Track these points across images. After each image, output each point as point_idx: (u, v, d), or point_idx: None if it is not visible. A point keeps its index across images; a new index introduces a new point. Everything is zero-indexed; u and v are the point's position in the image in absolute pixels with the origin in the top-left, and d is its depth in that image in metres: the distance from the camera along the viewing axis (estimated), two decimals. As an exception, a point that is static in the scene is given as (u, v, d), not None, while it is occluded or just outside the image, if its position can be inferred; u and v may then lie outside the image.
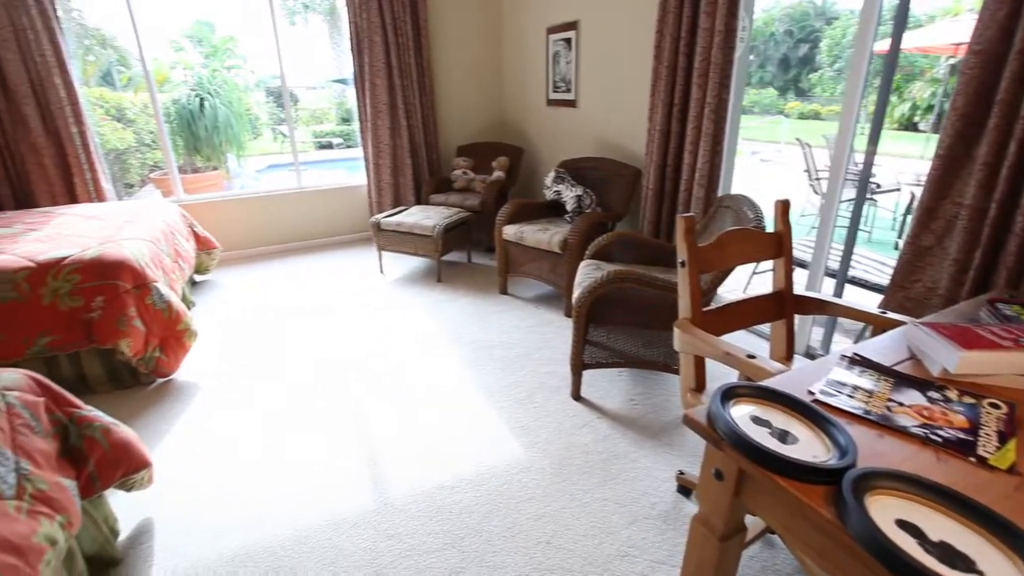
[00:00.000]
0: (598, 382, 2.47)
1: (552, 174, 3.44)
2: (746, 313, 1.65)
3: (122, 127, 6.36)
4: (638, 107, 3.18)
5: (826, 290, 2.55)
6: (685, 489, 1.81)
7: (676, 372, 2.24)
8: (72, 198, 3.77)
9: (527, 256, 3.25)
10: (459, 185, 4.32)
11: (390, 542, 1.66)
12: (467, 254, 4.15)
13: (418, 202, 4.59)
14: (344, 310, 3.34)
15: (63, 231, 2.84)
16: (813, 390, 1.02)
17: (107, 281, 2.41)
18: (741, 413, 0.96)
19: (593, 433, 2.13)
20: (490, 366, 2.63)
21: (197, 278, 3.89)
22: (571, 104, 3.91)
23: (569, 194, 3.26)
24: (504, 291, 3.50)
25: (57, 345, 2.37)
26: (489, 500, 1.81)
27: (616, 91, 3.44)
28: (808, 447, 0.86)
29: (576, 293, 2.29)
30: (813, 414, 0.91)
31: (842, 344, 2.75)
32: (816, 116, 15.13)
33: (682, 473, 1.83)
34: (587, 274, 2.44)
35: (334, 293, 3.62)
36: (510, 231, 3.26)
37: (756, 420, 0.94)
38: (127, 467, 1.61)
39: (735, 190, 2.74)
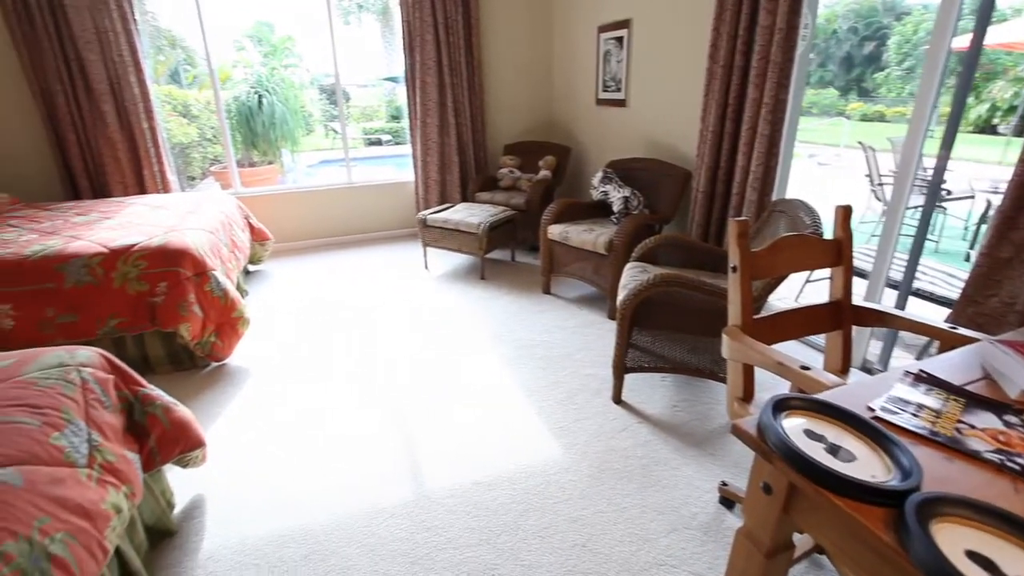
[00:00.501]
0: (640, 386, 2.43)
1: (599, 174, 3.40)
2: (799, 322, 1.58)
3: (187, 123, 6.69)
4: (690, 107, 3.10)
5: (887, 302, 2.42)
6: (728, 501, 1.76)
7: (722, 380, 2.18)
8: (141, 189, 4.00)
9: (571, 256, 3.23)
10: (505, 183, 4.33)
11: (427, 534, 1.69)
12: (511, 252, 4.17)
13: (464, 199, 4.63)
14: (389, 304, 3.41)
15: (133, 220, 3.02)
16: (873, 406, 0.97)
17: (170, 268, 2.55)
18: (794, 426, 0.92)
19: (633, 438, 2.09)
20: (531, 365, 2.63)
21: (251, 268, 4.06)
22: (621, 104, 3.85)
23: (616, 195, 3.21)
24: (547, 291, 3.49)
25: (125, 327, 2.52)
26: (526, 499, 1.81)
27: (667, 91, 3.37)
28: (866, 466, 0.82)
29: (621, 295, 2.25)
30: (873, 432, 0.87)
31: (903, 360, 2.60)
32: (880, 118, 14.36)
33: (725, 484, 1.77)
34: (633, 276, 2.40)
35: (379, 287, 3.70)
36: (555, 231, 3.25)
37: (810, 434, 0.90)
38: (184, 445, 1.69)
39: (790, 194, 2.64)
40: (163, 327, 2.51)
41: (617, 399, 2.32)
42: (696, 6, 2.98)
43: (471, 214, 3.71)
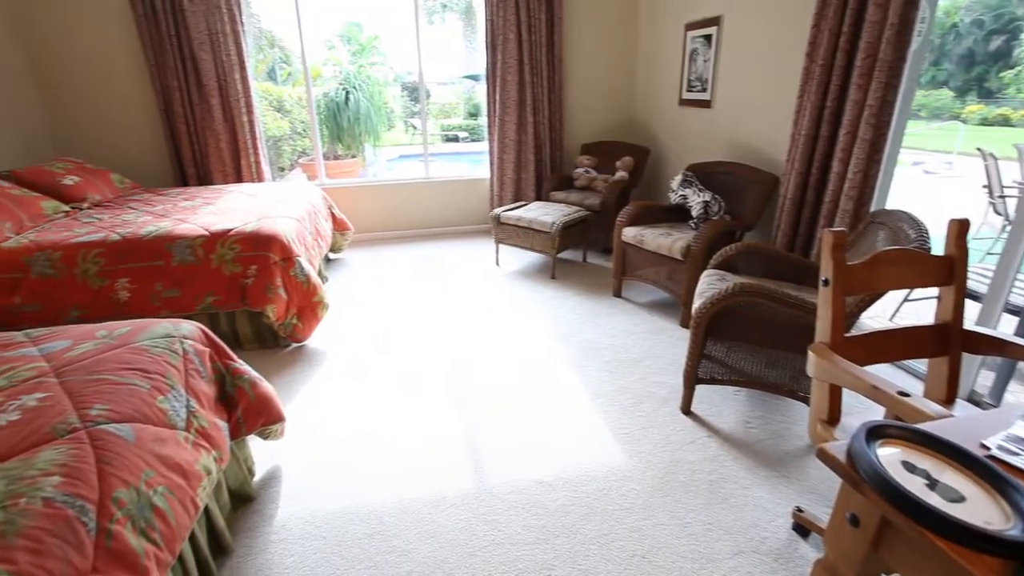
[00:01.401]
0: (711, 398, 2.33)
1: (679, 177, 3.29)
2: (898, 345, 1.45)
3: (280, 117, 7.14)
4: (781, 109, 2.93)
5: (1004, 328, 2.17)
6: (802, 528, 1.65)
7: (802, 399, 2.05)
8: (238, 178, 4.32)
9: (645, 260, 3.15)
10: (580, 183, 4.29)
11: (486, 527, 1.71)
12: (583, 253, 4.12)
13: (538, 198, 4.64)
14: (459, 298, 3.47)
15: (231, 206, 3.26)
16: (988, 444, 0.87)
17: (261, 252, 2.73)
18: (890, 456, 0.85)
19: (702, 451, 2.01)
20: (597, 368, 2.59)
21: (331, 256, 4.27)
22: (705, 105, 3.71)
23: (696, 199, 3.10)
24: (618, 294, 3.43)
25: (219, 304, 2.74)
26: (586, 503, 1.79)
27: (757, 92, 3.20)
28: (979, 509, 0.74)
29: (696, 303, 2.17)
30: (989, 473, 0.78)
31: (1021, 395, 2.34)
32: (1004, 122, 12.84)
33: (800, 511, 1.67)
34: (710, 284, 2.30)
35: (451, 281, 3.78)
36: (630, 233, 3.18)
37: (908, 466, 0.83)
38: (267, 418, 1.81)
39: (891, 205, 2.43)
40: (252, 307, 2.70)
41: (686, 410, 2.24)
42: (794, 2, 2.80)
43: (545, 213, 3.71)
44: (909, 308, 3.11)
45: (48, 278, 2.59)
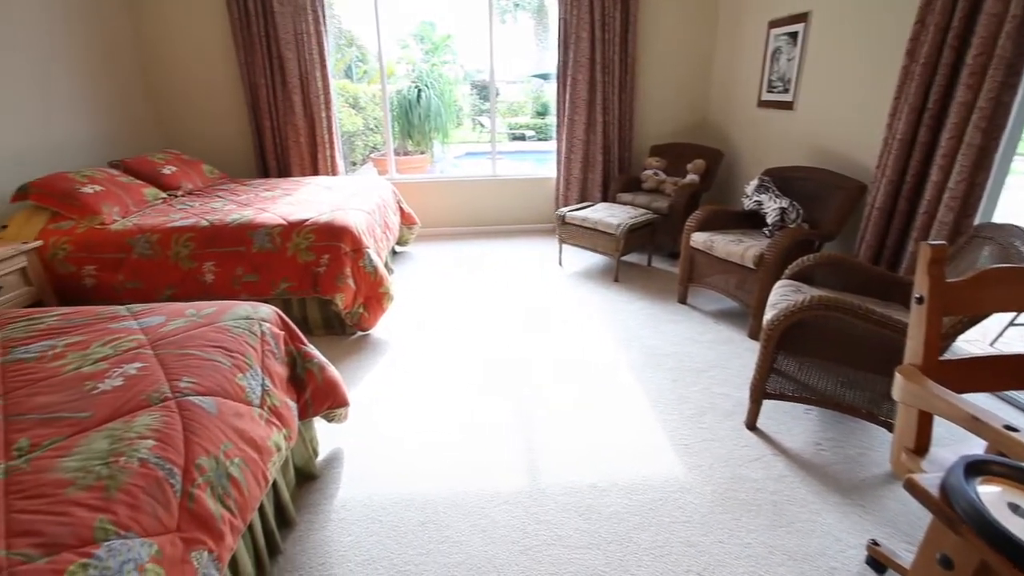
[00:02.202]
0: (779, 415, 2.21)
1: (755, 182, 3.15)
2: (1004, 372, 1.32)
3: (355, 113, 7.43)
4: (872, 112, 2.73)
5: None
6: (877, 564, 1.53)
7: (883, 424, 1.90)
8: (314, 171, 4.53)
9: (714, 267, 3.03)
10: (648, 185, 4.19)
11: (538, 527, 1.70)
12: (648, 257, 4.03)
13: (604, 199, 4.57)
14: (521, 296, 3.48)
15: (307, 197, 3.43)
16: (1116, 491, 0.77)
17: (333, 243, 2.85)
18: (993, 496, 0.77)
19: (766, 469, 1.92)
20: (659, 376, 2.53)
21: (397, 249, 4.40)
22: (787, 106, 3.52)
23: (772, 205, 2.95)
24: (683, 300, 3.32)
25: (293, 290, 2.88)
26: (641, 512, 1.74)
27: (845, 93, 3.00)
28: (1103, 564, 0.65)
29: (768, 315, 2.07)
30: (1117, 523, 0.69)
31: None
32: None
33: (876, 544, 1.55)
34: (783, 295, 2.19)
35: (513, 278, 3.79)
36: (699, 238, 3.07)
37: (1015, 509, 0.75)
38: (332, 401, 1.89)
39: (999, 218, 2.21)
40: (322, 294, 2.83)
41: (751, 425, 2.14)
42: (895, -4, 2.61)
43: (611, 214, 3.65)
44: (1015, 333, 2.82)
45: (147, 258, 2.82)
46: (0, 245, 2.60)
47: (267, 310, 1.80)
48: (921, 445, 1.30)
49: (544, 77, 10.10)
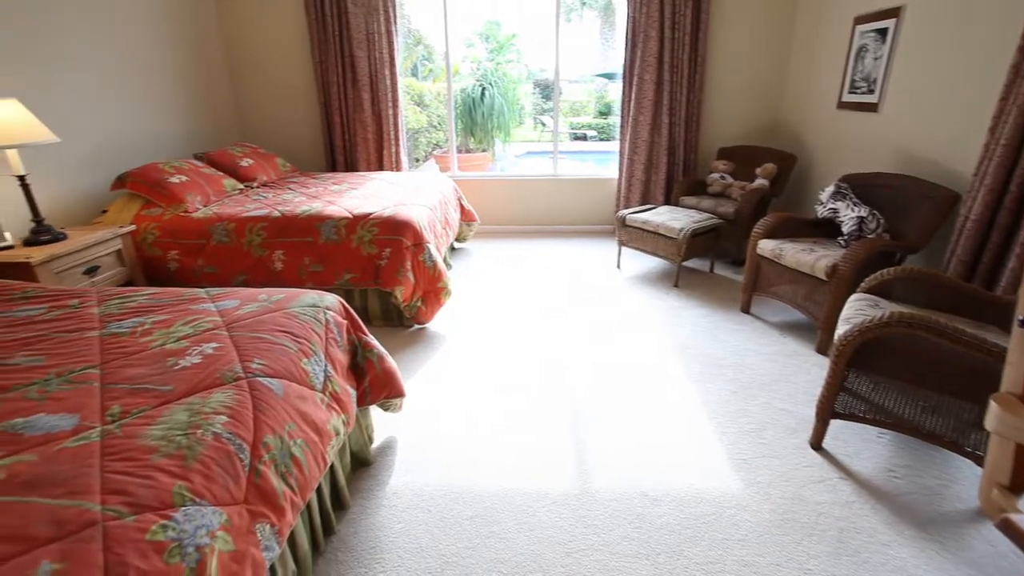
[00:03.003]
0: (848, 437, 2.08)
1: (831, 188, 2.97)
2: (1120, 407, 1.18)
3: (419, 111, 7.60)
4: (972, 115, 2.51)
5: None
6: (957, 605, 1.41)
7: (970, 456, 1.75)
8: (380, 166, 4.67)
9: (781, 276, 2.89)
10: (714, 189, 4.05)
11: (585, 530, 1.68)
12: (710, 263, 3.89)
13: (667, 202, 4.46)
14: (577, 297, 3.45)
15: (372, 192, 3.54)
16: None
17: (395, 237, 2.93)
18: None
19: (832, 493, 1.81)
20: (717, 386, 2.44)
21: (456, 245, 4.47)
22: (870, 108, 3.30)
23: (849, 214, 2.77)
24: (746, 309, 3.19)
25: (355, 281, 2.98)
26: (693, 525, 1.69)
27: (938, 95, 2.77)
28: None
29: (841, 329, 1.95)
30: None
31: None
32: None
33: (956, 584, 1.43)
34: (859, 310, 2.05)
35: (570, 279, 3.77)
36: (767, 246, 2.94)
37: None
38: (390, 391, 1.94)
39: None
40: (383, 287, 2.91)
41: (816, 445, 2.02)
42: (1003, -11, 2.38)
43: (673, 218, 3.55)
44: None
45: (223, 245, 3.00)
46: (100, 228, 2.84)
47: (332, 299, 1.87)
48: (1018, 482, 1.18)
49: (609, 76, 9.96)
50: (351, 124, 4.57)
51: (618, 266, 3.99)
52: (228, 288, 1.96)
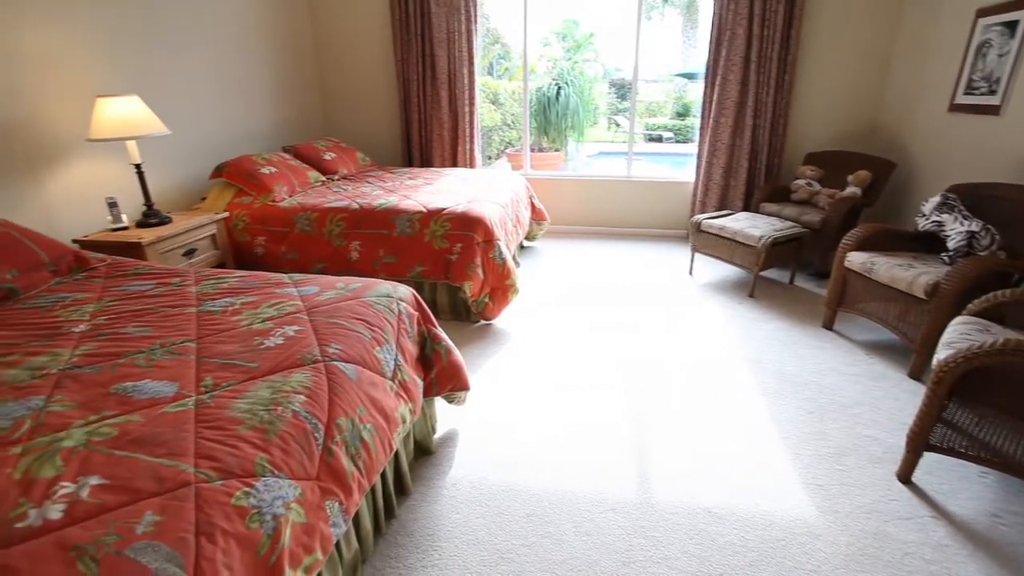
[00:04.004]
0: (943, 472, 1.90)
1: (936, 199, 2.72)
2: None
3: (494, 109, 7.68)
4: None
5: None
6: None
7: (1091, 506, 1.55)
8: (454, 162, 4.77)
9: (872, 292, 2.68)
10: (799, 196, 3.82)
11: (643, 541, 1.64)
12: (790, 274, 3.67)
13: (746, 208, 4.25)
14: (645, 302, 3.37)
15: (446, 187, 3.61)
16: None
17: (466, 232, 2.97)
18: None
19: (921, 533, 1.66)
20: (793, 405, 2.30)
21: (525, 243, 4.48)
22: (991, 111, 2.98)
23: (957, 228, 2.53)
24: (828, 326, 2.98)
25: (426, 275, 3.06)
26: (760, 549, 1.60)
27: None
28: None
29: (941, 354, 1.78)
30: None
31: None
32: None
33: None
34: (964, 334, 1.87)
35: (639, 283, 3.68)
36: (857, 259, 2.73)
37: None
38: (455, 384, 1.98)
39: None
40: (453, 281, 2.97)
41: (905, 478, 1.86)
42: None
43: (752, 225, 3.38)
44: None
45: (305, 234, 3.17)
46: (199, 214, 3.08)
47: (405, 291, 1.93)
48: None
49: (689, 76, 9.64)
50: (428, 121, 4.70)
51: (690, 273, 3.85)
52: (308, 275, 2.07)
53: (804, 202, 3.81)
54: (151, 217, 2.78)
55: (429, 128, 4.72)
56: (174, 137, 3.04)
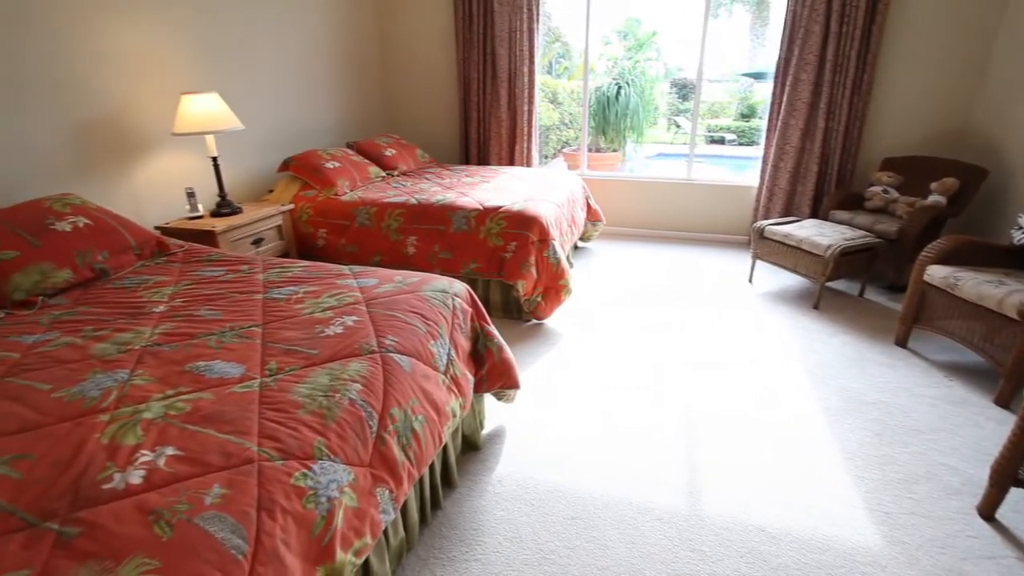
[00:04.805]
0: (1030, 510, 1.74)
1: (1032, 210, 2.49)
2: None
3: (552, 108, 7.65)
4: None
5: None
6: None
7: None
8: (511, 161, 4.78)
9: (954, 310, 2.49)
10: (873, 204, 3.59)
11: (691, 555, 1.59)
12: (860, 287, 3.44)
13: (814, 215, 4.04)
14: (701, 308, 3.27)
15: (502, 185, 3.63)
16: None
17: (522, 231, 2.98)
18: None
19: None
20: (858, 425, 2.17)
21: (579, 244, 4.44)
22: (1100, 116, 2.70)
23: (1056, 242, 2.31)
24: (902, 343, 2.79)
25: (479, 271, 3.09)
26: (816, 574, 1.52)
27: None
28: None
29: (1035, 379, 1.63)
30: None
31: None
32: None
33: None
34: (1063, 359, 1.70)
35: (695, 289, 3.57)
36: (938, 273, 2.54)
37: None
38: (505, 381, 1.98)
39: None
40: (506, 279, 2.98)
41: (987, 515, 1.71)
42: None
43: (820, 233, 3.21)
44: None
45: (364, 227, 3.27)
46: (267, 205, 3.23)
47: (460, 287, 1.96)
48: None
49: (757, 76, 9.27)
50: (487, 119, 4.74)
51: (750, 280, 3.70)
52: (367, 267, 2.13)
53: (879, 210, 3.58)
54: (224, 207, 2.94)
55: (487, 126, 4.76)
56: (246, 132, 3.21)
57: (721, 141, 9.11)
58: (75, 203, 2.14)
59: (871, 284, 3.54)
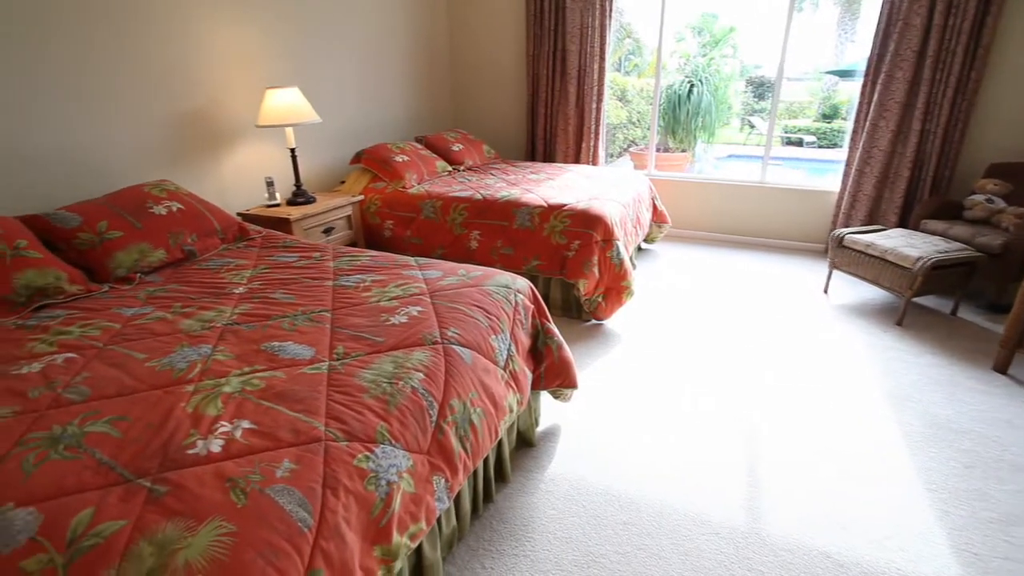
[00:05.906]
0: None
1: None
2: None
3: (620, 106, 7.51)
4: None
5: None
6: None
7: None
8: (576, 159, 4.74)
9: (1064, 334, 2.24)
10: (974, 214, 3.28)
11: (748, 574, 1.52)
12: (953, 304, 3.15)
13: (902, 224, 3.75)
14: (771, 318, 3.11)
15: (567, 183, 3.60)
16: None
17: (585, 230, 2.94)
18: None
19: (1113, 634, 1.36)
20: (945, 455, 1.99)
21: (643, 245, 4.34)
22: None
23: None
24: (1002, 369, 2.53)
25: (541, 269, 3.08)
26: (891, 612, 1.41)
27: None
28: None
29: None
30: None
31: None
32: None
33: None
34: None
35: (766, 297, 3.41)
36: (1048, 292, 2.30)
37: None
38: (563, 380, 1.97)
39: None
40: (568, 278, 2.96)
41: (1096, 564, 1.53)
42: None
43: (909, 244, 2.97)
44: None
45: (429, 220, 3.34)
46: (339, 196, 3.37)
47: (523, 283, 1.96)
48: None
49: (842, 74, 8.71)
50: (554, 116, 4.71)
51: (825, 291, 3.48)
52: (432, 260, 2.18)
53: (981, 221, 3.27)
54: (299, 196, 3.09)
55: (554, 123, 4.74)
56: (322, 124, 3.35)
57: (799, 143, 8.62)
58: (170, 189, 2.31)
59: (966, 302, 3.24)
